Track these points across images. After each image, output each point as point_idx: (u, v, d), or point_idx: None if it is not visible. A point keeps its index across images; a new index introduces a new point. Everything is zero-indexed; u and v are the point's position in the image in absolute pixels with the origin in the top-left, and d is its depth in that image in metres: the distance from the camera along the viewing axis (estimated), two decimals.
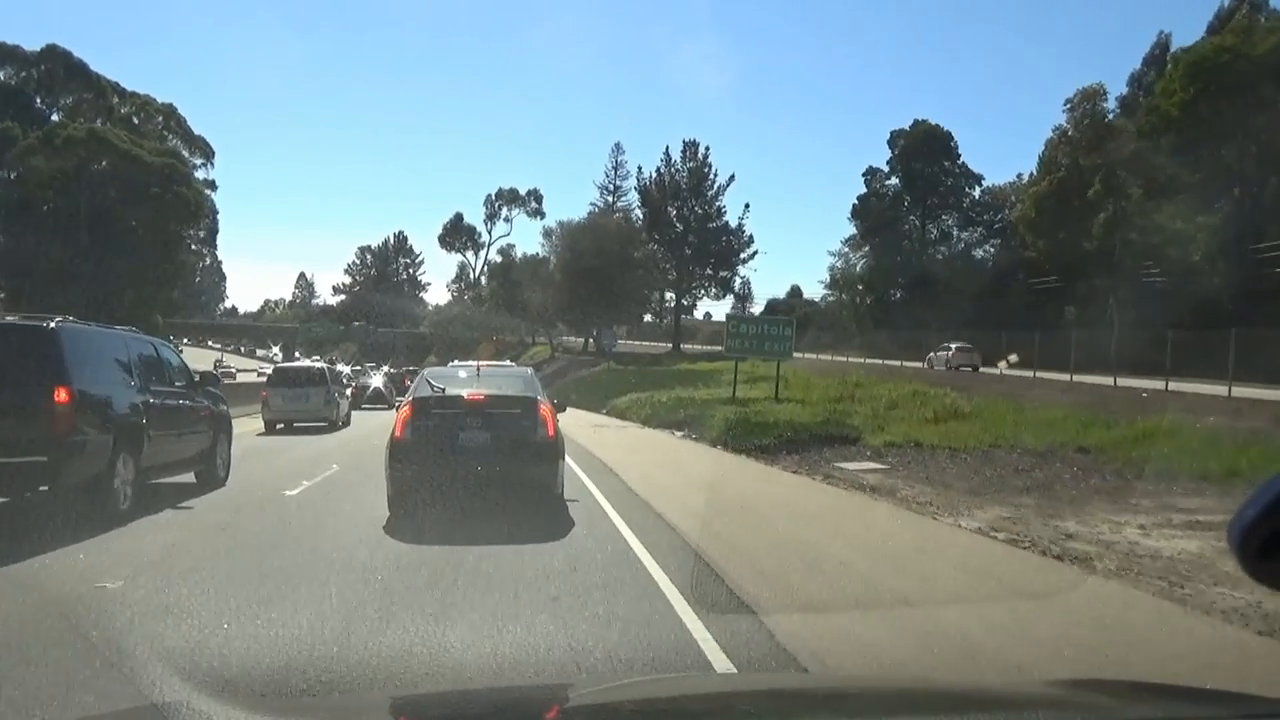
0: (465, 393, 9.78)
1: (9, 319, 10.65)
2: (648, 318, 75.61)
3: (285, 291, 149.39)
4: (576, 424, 24.87)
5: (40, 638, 4.93)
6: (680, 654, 4.90)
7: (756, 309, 77.84)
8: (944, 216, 64.62)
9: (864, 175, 65.43)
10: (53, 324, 8.93)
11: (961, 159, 63.57)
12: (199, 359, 73.35)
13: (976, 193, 63.76)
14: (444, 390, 9.81)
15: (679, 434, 22.45)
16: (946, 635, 5.51)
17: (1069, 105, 50.28)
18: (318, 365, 28.72)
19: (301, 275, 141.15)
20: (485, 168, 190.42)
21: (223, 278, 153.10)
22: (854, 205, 65.24)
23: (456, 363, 18.35)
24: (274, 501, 10.58)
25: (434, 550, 7.58)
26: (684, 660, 4.83)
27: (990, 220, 62.10)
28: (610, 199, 69.60)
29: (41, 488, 8.61)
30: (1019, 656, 5.09)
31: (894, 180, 65.07)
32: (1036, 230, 53.16)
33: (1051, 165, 52.34)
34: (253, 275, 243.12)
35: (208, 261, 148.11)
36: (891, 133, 64.30)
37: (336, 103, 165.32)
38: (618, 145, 79.93)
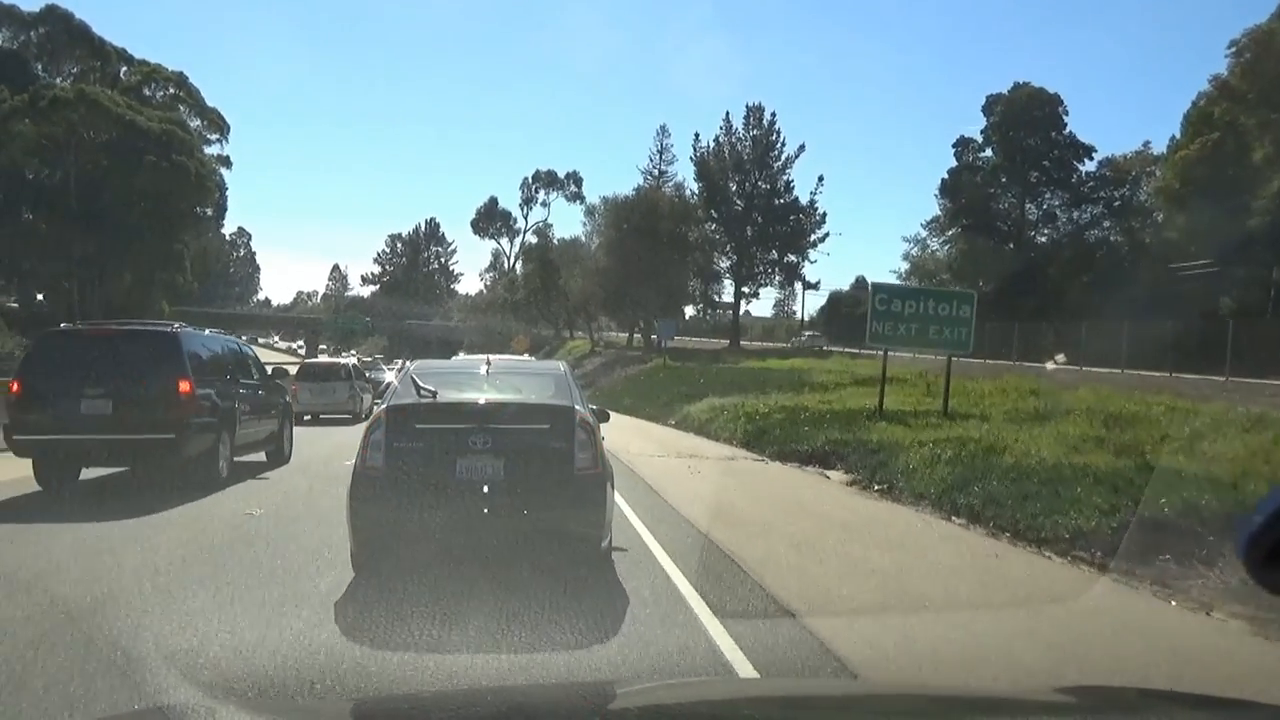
0: (467, 399, 6.60)
1: (141, 325, 12.24)
2: (690, 311, 65.54)
3: (322, 284, 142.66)
4: (646, 451, 15.24)
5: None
6: None
7: (819, 301, 67.57)
8: (1047, 194, 54.06)
9: (954, 147, 55.04)
10: (174, 329, 11.26)
11: (1068, 128, 53.00)
12: None
13: (1086, 167, 53.12)
14: (435, 395, 6.42)
15: (846, 479, 12.49)
16: None
17: (1233, 49, 39.65)
18: (342, 361, 30.02)
19: (335, 267, 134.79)
20: (521, 156, 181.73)
21: (256, 269, 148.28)
22: (942, 181, 54.95)
23: (462, 356, 14.81)
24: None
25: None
26: None
27: (1109, 197, 51.42)
28: (655, 185, 59.66)
29: (168, 458, 10.27)
30: None
31: (988, 153, 54.67)
32: (1180, 204, 42.68)
33: (1203, 125, 41.79)
34: (289, 268, 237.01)
35: (241, 253, 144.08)
36: (987, 98, 53.86)
37: (369, 92, 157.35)
38: (663, 128, 69.75)
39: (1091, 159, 52.81)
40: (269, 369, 16.28)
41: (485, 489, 6.03)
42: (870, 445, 13.76)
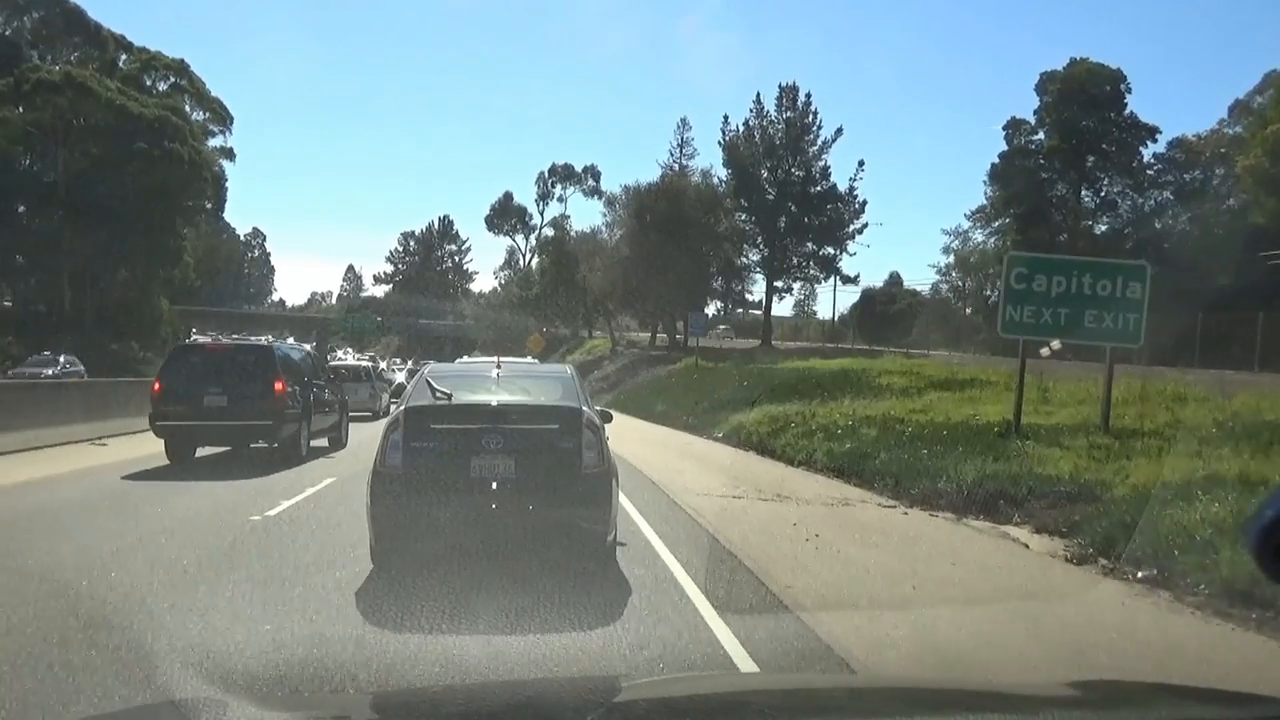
0: (480, 400, 6.73)
1: (245, 341, 17.77)
2: (712, 310, 60.57)
3: (337, 285, 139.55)
4: (712, 487, 10.39)
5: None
6: None
7: (851, 298, 62.61)
8: (1105, 180, 49.00)
9: (1004, 129, 50.05)
10: (269, 343, 15.96)
11: (1129, 108, 47.89)
12: None
13: (1149, 150, 48.01)
14: (450, 397, 6.61)
15: (1056, 548, 7.56)
16: None
17: None
18: (364, 363, 33.16)
19: (350, 268, 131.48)
20: (537, 154, 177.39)
21: (271, 270, 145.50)
22: (992, 166, 50.06)
23: (466, 359, 15.98)
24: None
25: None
26: None
27: (1178, 182, 46.31)
28: (679, 175, 54.72)
29: (265, 441, 13.54)
30: None
31: (1040, 136, 49.68)
32: (1269, 185, 37.65)
33: None
34: (306, 270, 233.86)
35: (255, 254, 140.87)
36: (1041, 75, 48.92)
37: (383, 93, 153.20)
38: (683, 120, 64.29)
39: (1155, 141, 47.75)
40: (338, 368, 20.64)
41: (498, 486, 6.13)
42: (1060, 486, 8.96)
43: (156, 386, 13.33)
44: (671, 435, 21.29)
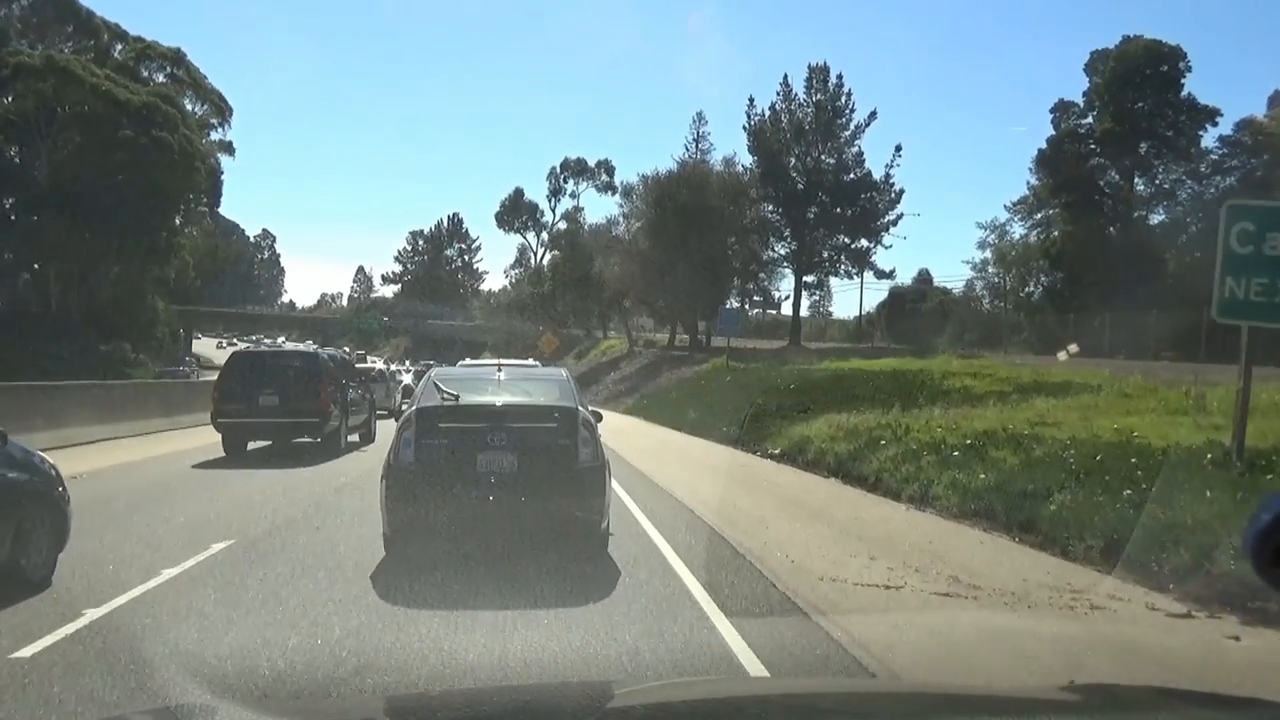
0: (485, 401, 7.19)
1: (294, 348, 22.40)
2: (731, 304, 56.25)
3: (347, 287, 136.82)
4: (829, 563, 6.00)
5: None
6: None
7: (878, 295, 58.49)
8: (1160, 167, 44.79)
9: (1052, 113, 45.88)
10: (315, 350, 18.97)
11: (1186, 90, 43.64)
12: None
13: (1209, 136, 43.75)
14: (457, 398, 7.00)
15: None
16: None
17: None
18: (379, 365, 35.54)
19: (360, 269, 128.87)
20: (548, 155, 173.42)
21: (281, 271, 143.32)
22: (1039, 153, 45.74)
23: (469, 361, 17.02)
24: None
25: None
26: None
27: (1244, 167, 42.09)
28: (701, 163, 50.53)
29: (311, 436, 15.30)
30: None
31: (1089, 120, 45.50)
32: None
33: None
34: (317, 272, 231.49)
35: (265, 255, 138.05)
36: (1092, 54, 44.78)
37: (392, 95, 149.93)
38: (699, 114, 59.76)
39: (1215, 125, 43.45)
40: (369, 370, 24.81)
41: (502, 480, 6.56)
42: None
43: (217, 388, 15.43)
44: (715, 452, 17.32)
